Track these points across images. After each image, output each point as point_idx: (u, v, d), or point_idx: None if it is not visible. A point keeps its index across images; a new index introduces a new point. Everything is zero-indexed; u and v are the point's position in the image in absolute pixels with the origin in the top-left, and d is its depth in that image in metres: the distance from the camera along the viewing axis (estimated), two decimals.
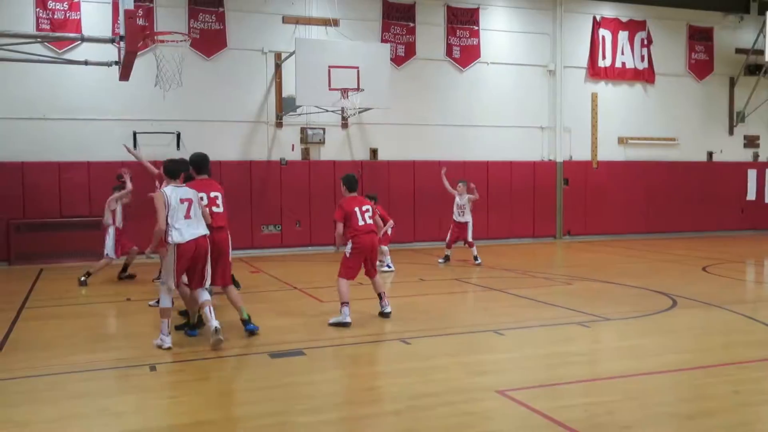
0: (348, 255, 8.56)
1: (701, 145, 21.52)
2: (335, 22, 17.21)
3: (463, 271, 12.82)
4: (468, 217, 14.09)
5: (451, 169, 18.09)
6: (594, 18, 20.06)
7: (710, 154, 21.67)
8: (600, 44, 20.15)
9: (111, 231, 12.01)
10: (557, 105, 19.69)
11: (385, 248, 12.78)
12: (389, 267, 13.09)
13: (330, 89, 14.58)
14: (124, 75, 11.02)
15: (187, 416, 5.15)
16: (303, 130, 17.30)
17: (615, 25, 20.29)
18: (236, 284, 10.51)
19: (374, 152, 18.02)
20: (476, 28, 18.85)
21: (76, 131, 15.58)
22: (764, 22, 20.13)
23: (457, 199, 14.20)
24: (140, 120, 15.92)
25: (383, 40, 17.58)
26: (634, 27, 20.47)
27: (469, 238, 14.06)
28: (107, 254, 11.94)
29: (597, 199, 19.94)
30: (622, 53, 20.41)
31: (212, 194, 7.79)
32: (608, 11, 20.26)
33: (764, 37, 20.09)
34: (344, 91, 14.63)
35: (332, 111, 16.27)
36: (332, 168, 17.37)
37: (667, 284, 11.02)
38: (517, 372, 6.38)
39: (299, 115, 16.78)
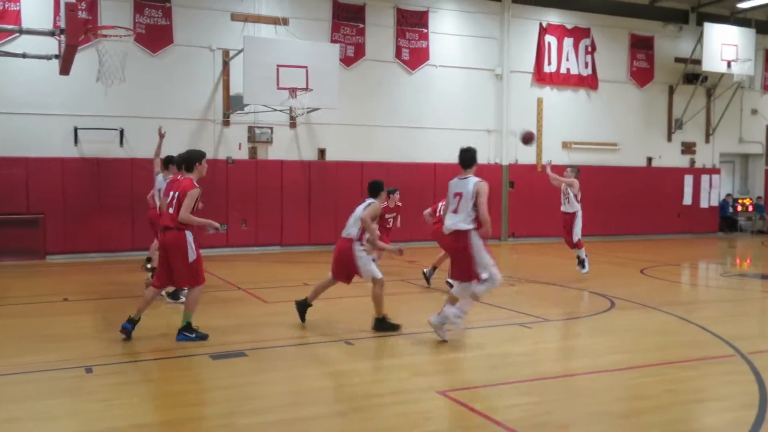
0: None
1: (641, 151, 22.14)
2: (285, 21, 17.10)
3: (409, 272, 12.88)
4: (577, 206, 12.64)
5: (399, 171, 18.21)
6: (540, 24, 20.43)
7: (650, 160, 22.32)
8: (546, 50, 20.53)
9: None
10: (504, 109, 19.98)
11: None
12: None
13: (278, 88, 14.47)
14: (65, 69, 10.74)
15: (125, 419, 5.04)
16: (250, 129, 17.13)
17: (560, 32, 20.70)
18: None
19: (322, 152, 17.96)
20: (425, 30, 18.98)
21: (13, 126, 15.06)
22: (701, 33, 20.83)
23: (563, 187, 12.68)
24: (82, 116, 15.50)
25: (333, 41, 17.54)
26: (578, 34, 20.92)
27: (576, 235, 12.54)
28: None
29: (541, 202, 20.29)
30: (567, 59, 20.84)
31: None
32: (554, 18, 20.66)
33: (701, 47, 20.80)
34: (293, 91, 14.55)
35: (280, 110, 16.15)
36: (279, 168, 17.25)
37: (606, 286, 11.29)
38: (459, 372, 6.45)
39: (247, 113, 16.60)
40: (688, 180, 22.71)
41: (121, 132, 15.85)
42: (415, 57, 18.89)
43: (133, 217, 15.81)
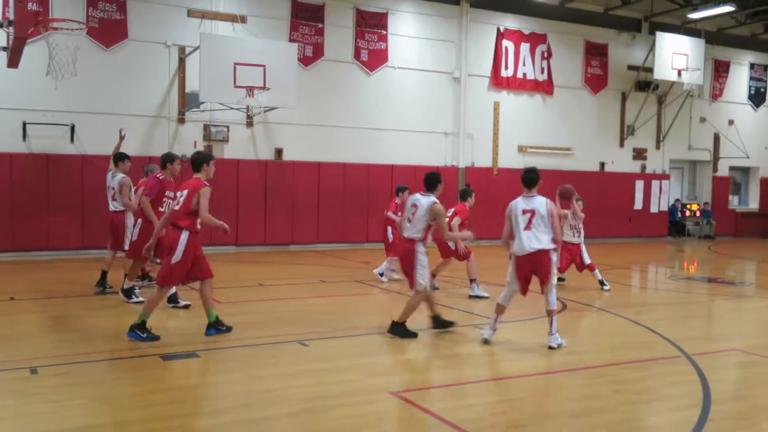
0: None
1: (594, 156, 22.56)
2: (243, 19, 16.94)
3: (365, 274, 12.88)
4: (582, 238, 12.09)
5: (356, 172, 18.20)
6: (498, 29, 20.65)
7: (602, 165, 22.76)
8: (503, 55, 20.77)
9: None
10: (461, 112, 20.15)
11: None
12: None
13: (235, 86, 14.35)
14: (13, 62, 10.47)
15: (72, 421, 4.92)
16: (206, 127, 16.92)
17: (517, 37, 20.96)
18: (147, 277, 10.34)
19: (279, 152, 17.84)
20: (384, 32, 19.02)
21: None
22: (654, 42, 21.34)
23: (570, 219, 11.97)
24: (31, 110, 15.10)
25: (291, 40, 17.45)
26: (535, 40, 21.22)
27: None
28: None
29: (497, 205, 20.47)
30: (524, 64, 21.12)
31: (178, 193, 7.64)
32: (511, 23, 20.91)
33: (653, 55, 21.31)
34: (250, 89, 14.43)
35: (237, 109, 15.99)
36: (236, 166, 17.08)
37: (558, 288, 11.42)
38: (413, 374, 6.48)
39: (202, 111, 16.41)
40: (639, 185, 23.24)
41: (72, 127, 15.49)
42: (373, 58, 18.91)
43: (84, 214, 15.47)
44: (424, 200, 7.79)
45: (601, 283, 11.66)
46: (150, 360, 6.61)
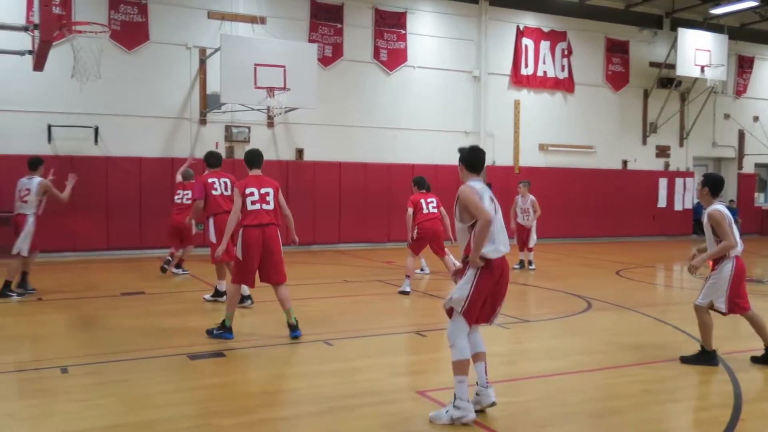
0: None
1: (616, 154, 22.39)
2: (262, 20, 17.02)
3: (387, 273, 12.88)
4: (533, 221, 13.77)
5: (376, 172, 18.24)
6: (517, 27, 20.56)
7: (625, 163, 22.57)
8: (523, 53, 20.67)
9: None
10: (481, 111, 20.08)
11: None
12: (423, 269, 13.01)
13: (256, 87, 14.40)
14: (39, 65, 10.58)
15: (100, 420, 4.97)
16: (228, 128, 17.02)
17: (537, 35, 20.85)
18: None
19: (300, 152, 17.91)
20: (403, 32, 19.01)
21: None
22: (675, 38, 21.12)
23: (520, 202, 13.92)
24: (55, 113, 15.30)
25: (311, 40, 17.50)
26: (555, 37, 21.09)
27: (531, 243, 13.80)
28: None
29: None
30: (544, 62, 21.01)
31: (263, 190, 7.47)
32: (531, 21, 20.80)
33: (675, 52, 21.09)
34: (270, 90, 14.48)
35: (258, 110, 16.07)
36: None
37: (582, 287, 11.39)
38: (438, 373, 6.45)
39: (224, 112, 16.51)
40: (663, 183, 23.01)
41: (96, 129, 15.66)
42: (393, 58, 18.91)
43: (108, 215, 15.64)
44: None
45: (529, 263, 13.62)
46: (177, 359, 6.66)
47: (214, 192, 9.07)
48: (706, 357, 6.59)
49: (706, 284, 6.74)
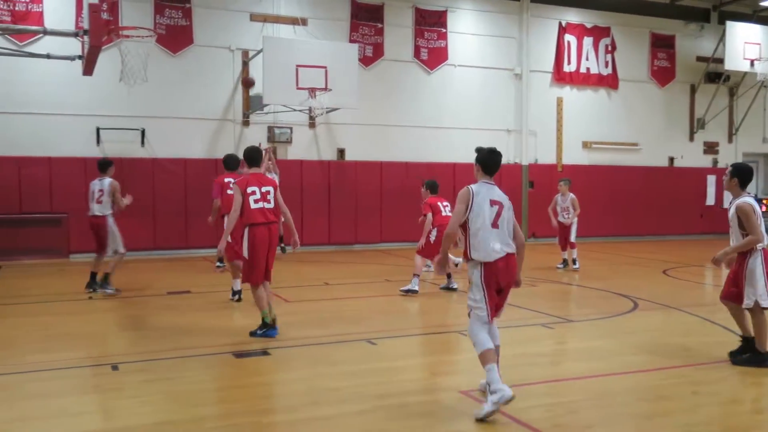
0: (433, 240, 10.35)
1: (663, 151, 21.95)
2: (303, 21, 17.15)
3: (428, 273, 12.86)
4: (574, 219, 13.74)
5: (417, 171, 18.22)
6: (560, 23, 20.32)
7: (671, 160, 22.12)
8: (565, 49, 20.42)
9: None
10: (523, 108, 19.91)
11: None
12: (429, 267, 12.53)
13: (297, 88, 14.52)
14: (88, 70, 10.85)
15: (150, 416, 5.08)
16: (270, 129, 17.20)
17: (580, 31, 20.58)
18: None
19: (341, 152, 18.00)
20: (444, 30, 18.96)
21: (37, 126, 15.25)
22: (723, 32, 20.60)
23: (560, 200, 13.96)
24: (104, 116, 15.66)
25: (351, 41, 17.57)
26: (598, 33, 20.78)
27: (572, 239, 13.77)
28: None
29: None
30: (587, 59, 20.72)
31: (264, 189, 7.59)
32: (573, 17, 20.54)
33: (724, 45, 20.57)
34: (312, 91, 14.58)
35: (300, 110, 16.21)
36: (299, 167, 17.30)
37: (628, 287, 11.21)
38: (481, 373, 6.42)
39: (266, 113, 16.68)
40: (711, 180, 22.47)
41: (143, 132, 15.99)
42: (433, 57, 18.87)
43: (155, 216, 15.95)
44: None
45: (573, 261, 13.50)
46: (223, 357, 6.77)
47: (229, 191, 9.24)
48: (759, 358, 6.42)
49: (744, 285, 6.53)
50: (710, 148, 22.71)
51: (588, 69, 20.72)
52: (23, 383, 5.87)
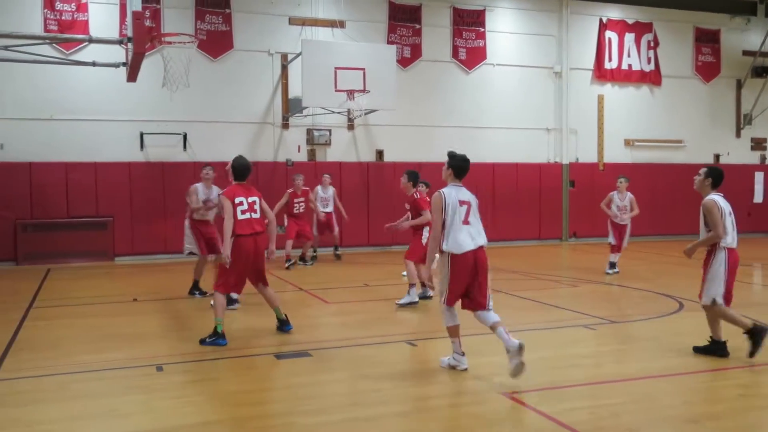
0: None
1: (708, 148, 21.45)
2: (341, 24, 17.23)
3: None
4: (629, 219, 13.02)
5: None
6: (600, 20, 20.04)
7: (717, 157, 21.60)
8: (606, 46, 20.12)
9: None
10: (563, 107, 19.68)
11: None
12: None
13: (336, 90, 14.60)
14: (132, 76, 11.08)
15: (194, 416, 5.17)
16: (309, 132, 17.33)
17: (621, 27, 20.26)
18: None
19: (380, 154, 18.04)
20: (482, 29, 18.85)
21: (83, 132, 15.64)
22: None
23: (617, 198, 12.97)
24: (147, 121, 15.97)
25: (389, 42, 17.60)
26: (640, 29, 20.43)
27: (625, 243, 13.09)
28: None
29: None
30: (629, 55, 20.38)
31: (250, 199, 7.69)
32: (614, 13, 20.23)
33: None
34: (350, 93, 14.65)
35: (338, 112, 16.30)
36: (338, 169, 17.38)
37: (673, 287, 10.99)
38: (530, 373, 6.37)
39: (305, 116, 16.81)
40: (759, 177, 21.89)
41: (185, 136, 16.26)
42: (472, 56, 18.78)
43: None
44: None
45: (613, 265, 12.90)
46: (265, 358, 6.85)
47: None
48: (716, 347, 6.66)
49: (705, 281, 6.76)
50: (758, 144, 22.13)
51: (630, 66, 20.38)
52: (71, 383, 6.03)
